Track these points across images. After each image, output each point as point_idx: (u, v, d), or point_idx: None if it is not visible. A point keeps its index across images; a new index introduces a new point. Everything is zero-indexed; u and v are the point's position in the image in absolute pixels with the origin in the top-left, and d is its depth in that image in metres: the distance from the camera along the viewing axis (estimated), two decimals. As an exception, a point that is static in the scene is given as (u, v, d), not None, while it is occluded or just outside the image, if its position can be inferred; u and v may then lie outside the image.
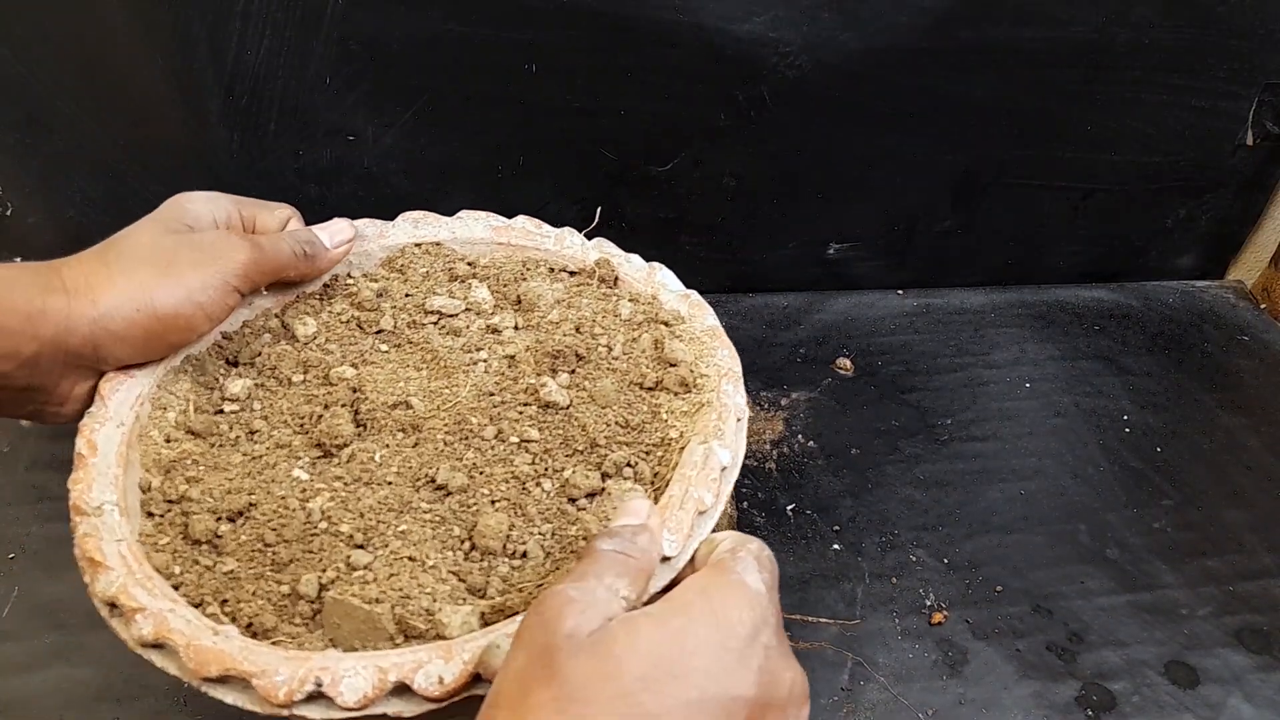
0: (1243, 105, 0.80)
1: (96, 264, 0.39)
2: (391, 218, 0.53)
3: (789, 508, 0.65)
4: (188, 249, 0.39)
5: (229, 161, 0.70)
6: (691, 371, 0.43)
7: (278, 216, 0.45)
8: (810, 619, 0.56)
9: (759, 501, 0.66)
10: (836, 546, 0.63)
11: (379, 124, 0.70)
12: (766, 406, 0.74)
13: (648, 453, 0.41)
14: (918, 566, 0.61)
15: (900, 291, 0.89)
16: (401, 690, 0.31)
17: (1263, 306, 0.91)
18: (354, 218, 0.51)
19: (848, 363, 0.79)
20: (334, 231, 0.46)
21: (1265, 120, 0.81)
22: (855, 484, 0.68)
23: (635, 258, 0.51)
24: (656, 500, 0.37)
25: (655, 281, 0.49)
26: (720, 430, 0.39)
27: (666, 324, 0.46)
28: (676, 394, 0.43)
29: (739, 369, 0.43)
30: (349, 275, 0.50)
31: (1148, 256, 0.91)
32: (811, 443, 0.71)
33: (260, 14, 0.63)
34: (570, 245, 0.51)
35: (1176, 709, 0.54)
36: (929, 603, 0.59)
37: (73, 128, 0.67)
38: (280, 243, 0.43)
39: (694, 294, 0.48)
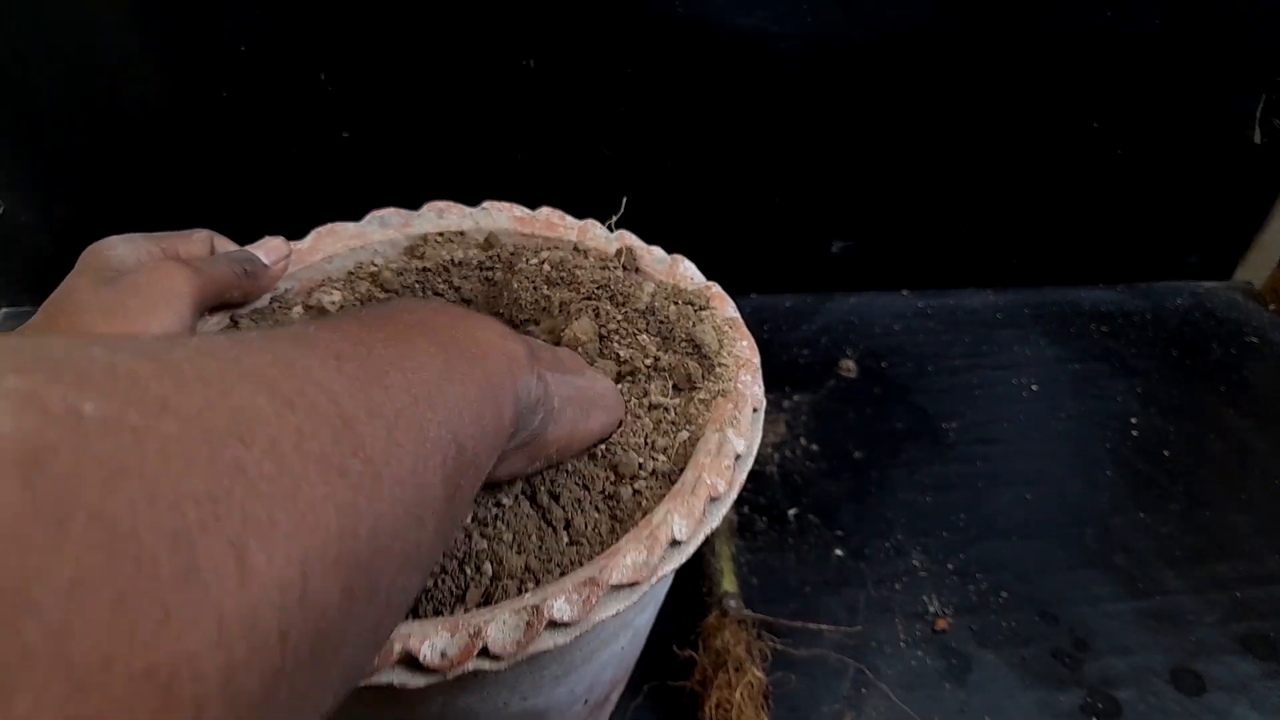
0: (1250, 103, 0.79)
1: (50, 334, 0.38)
2: None
3: (791, 512, 0.64)
4: (132, 295, 0.38)
5: (221, 159, 0.69)
6: (711, 358, 0.43)
7: (197, 240, 0.44)
8: (811, 626, 0.56)
9: (760, 505, 0.65)
10: (839, 552, 0.62)
11: (374, 120, 0.69)
12: (768, 409, 0.73)
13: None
14: (921, 572, 0.61)
15: (905, 291, 0.89)
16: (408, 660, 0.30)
17: (1271, 307, 0.90)
18: (349, 216, 0.50)
19: (851, 364, 0.79)
20: (270, 249, 0.45)
21: (1273, 118, 0.80)
22: (858, 488, 0.67)
23: (657, 249, 0.50)
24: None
25: (677, 273, 0.48)
26: (736, 419, 0.38)
27: (690, 304, 0.46)
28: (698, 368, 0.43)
29: (758, 361, 0.42)
30: (373, 262, 0.50)
31: (1154, 256, 0.91)
32: (814, 446, 0.70)
33: (254, 10, 0.62)
34: (594, 236, 0.50)
35: (1183, 717, 0.53)
36: (932, 609, 0.58)
37: (64, 126, 0.66)
38: (219, 265, 0.42)
39: (715, 285, 0.48)
